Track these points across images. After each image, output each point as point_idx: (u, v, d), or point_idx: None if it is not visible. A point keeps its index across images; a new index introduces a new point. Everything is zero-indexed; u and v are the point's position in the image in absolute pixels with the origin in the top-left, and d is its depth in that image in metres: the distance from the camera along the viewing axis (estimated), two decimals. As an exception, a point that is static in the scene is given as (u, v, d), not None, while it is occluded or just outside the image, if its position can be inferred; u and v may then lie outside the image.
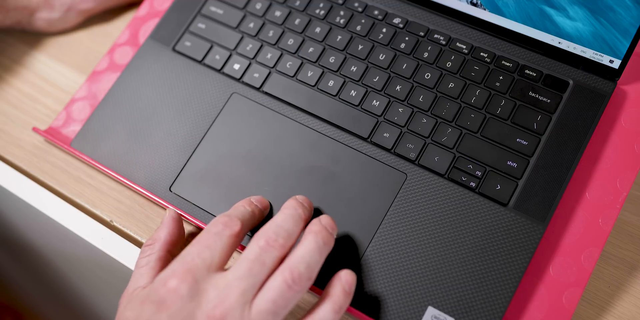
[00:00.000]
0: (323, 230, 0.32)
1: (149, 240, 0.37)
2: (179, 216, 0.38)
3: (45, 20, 0.50)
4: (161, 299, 0.30)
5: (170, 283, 0.30)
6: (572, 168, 0.38)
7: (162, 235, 0.37)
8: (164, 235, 0.37)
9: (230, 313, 0.29)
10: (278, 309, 0.30)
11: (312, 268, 0.31)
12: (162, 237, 0.37)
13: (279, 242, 0.31)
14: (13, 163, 0.45)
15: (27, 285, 0.81)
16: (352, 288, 0.32)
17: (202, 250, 0.31)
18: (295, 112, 0.42)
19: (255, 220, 0.36)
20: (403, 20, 0.44)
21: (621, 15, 0.39)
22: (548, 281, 0.37)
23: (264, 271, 0.30)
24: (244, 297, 0.29)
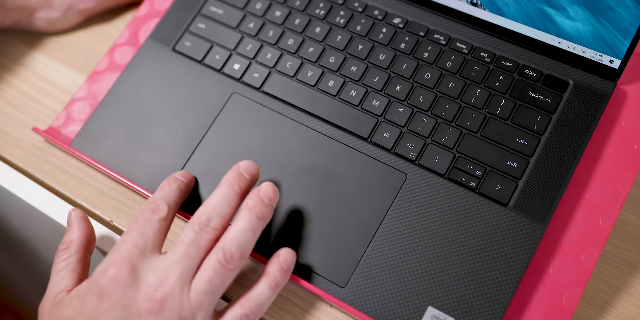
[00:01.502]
0: (258, 204, 0.33)
1: (62, 245, 0.36)
2: (85, 215, 0.38)
3: (44, 20, 0.50)
4: (102, 289, 0.31)
5: (109, 272, 0.31)
6: (572, 168, 0.38)
7: (76, 236, 0.36)
8: (77, 237, 0.36)
9: (170, 295, 0.30)
10: (215, 287, 0.31)
11: (244, 246, 0.32)
12: (76, 238, 0.36)
13: (211, 226, 0.32)
14: (13, 163, 0.45)
15: (27, 285, 0.81)
16: (290, 266, 0.34)
17: (135, 238, 0.32)
18: (295, 112, 0.42)
19: (183, 195, 0.37)
20: (403, 20, 0.44)
21: (621, 15, 0.39)
22: (548, 281, 0.37)
23: (199, 253, 0.32)
24: (183, 279, 0.31)
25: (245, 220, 0.33)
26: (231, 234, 0.32)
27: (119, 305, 0.30)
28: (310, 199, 0.39)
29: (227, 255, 0.31)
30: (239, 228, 0.32)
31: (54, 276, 0.35)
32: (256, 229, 0.33)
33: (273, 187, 0.34)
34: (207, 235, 0.32)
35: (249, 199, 0.34)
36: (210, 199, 0.34)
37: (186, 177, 0.38)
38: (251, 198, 0.34)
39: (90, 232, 0.37)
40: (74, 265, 0.35)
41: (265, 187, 0.34)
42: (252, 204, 0.33)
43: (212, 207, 0.33)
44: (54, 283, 0.34)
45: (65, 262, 0.35)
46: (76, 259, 0.35)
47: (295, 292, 0.39)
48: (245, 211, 0.33)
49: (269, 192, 0.34)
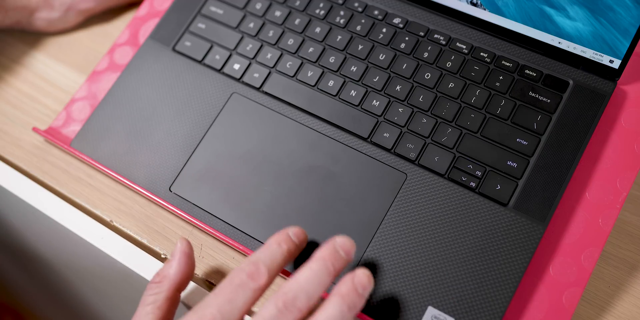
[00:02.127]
0: (352, 292, 0.30)
1: (157, 277, 0.35)
2: (191, 250, 0.36)
3: (44, 20, 0.50)
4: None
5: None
6: (572, 168, 0.38)
7: (172, 273, 0.35)
8: (173, 273, 0.35)
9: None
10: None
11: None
12: (171, 275, 0.35)
13: (297, 306, 0.30)
14: (13, 163, 0.45)
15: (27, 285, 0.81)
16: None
17: (223, 304, 0.30)
18: (295, 112, 0.42)
19: (290, 258, 0.33)
20: (403, 20, 0.44)
21: (621, 15, 0.39)
22: (548, 281, 0.37)
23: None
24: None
25: (336, 309, 0.30)
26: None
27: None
28: (310, 199, 0.39)
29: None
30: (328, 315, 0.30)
31: (140, 309, 0.34)
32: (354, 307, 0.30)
33: (369, 276, 0.31)
34: (290, 316, 0.30)
35: (342, 285, 0.31)
36: (300, 275, 0.31)
37: (299, 238, 0.34)
38: (344, 284, 0.31)
39: (189, 271, 0.36)
40: (161, 303, 0.34)
41: (360, 275, 0.31)
42: (345, 292, 0.30)
43: (301, 284, 0.30)
44: (139, 316, 0.33)
45: (154, 298, 0.34)
46: (165, 296, 0.34)
47: (295, 292, 0.39)
48: (336, 298, 0.30)
49: (364, 281, 0.31)
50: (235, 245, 0.39)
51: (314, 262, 0.31)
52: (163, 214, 0.42)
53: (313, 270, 0.31)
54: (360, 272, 0.31)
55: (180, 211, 0.40)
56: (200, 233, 0.41)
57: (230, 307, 0.30)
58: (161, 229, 0.42)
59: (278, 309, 0.30)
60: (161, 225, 0.42)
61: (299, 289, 0.30)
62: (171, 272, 0.35)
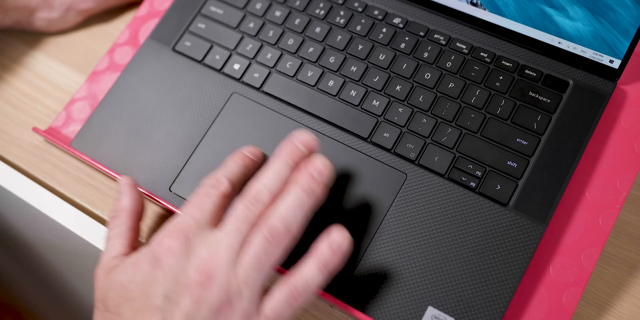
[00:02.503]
0: (308, 179, 0.32)
1: (114, 213, 0.37)
2: (134, 182, 0.38)
3: (44, 20, 0.50)
4: (156, 257, 0.31)
5: (164, 242, 0.32)
6: (572, 168, 0.38)
7: (126, 204, 0.37)
8: (127, 205, 0.37)
9: (218, 269, 0.30)
10: (260, 263, 0.31)
11: (290, 222, 0.31)
12: (126, 206, 0.37)
13: (260, 201, 0.32)
14: (13, 163, 0.45)
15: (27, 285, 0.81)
16: (342, 247, 0.32)
17: (192, 210, 0.33)
18: (295, 112, 0.42)
19: (249, 172, 0.36)
20: (403, 20, 0.44)
21: (621, 15, 0.39)
22: (548, 281, 0.37)
23: (250, 228, 0.31)
24: (231, 254, 0.31)
25: (293, 196, 0.32)
26: (277, 210, 0.32)
27: (170, 275, 0.31)
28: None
29: (271, 231, 0.31)
30: (287, 204, 0.31)
31: (107, 243, 0.35)
32: (304, 204, 0.32)
33: (325, 162, 0.33)
34: (256, 209, 0.32)
35: (298, 173, 0.33)
36: (262, 174, 0.33)
37: (254, 154, 0.37)
38: (301, 173, 0.32)
39: (139, 200, 0.37)
40: (126, 233, 0.36)
41: (316, 163, 0.33)
42: (302, 180, 0.32)
43: (263, 181, 0.33)
44: (107, 250, 0.35)
45: (118, 230, 0.36)
46: (127, 227, 0.36)
47: (295, 292, 0.39)
48: (294, 186, 0.32)
49: (320, 168, 0.32)
50: (235, 245, 0.39)
51: (274, 159, 0.33)
52: (163, 214, 0.42)
53: (273, 168, 0.33)
54: (315, 158, 0.33)
55: (180, 211, 0.40)
56: (200, 233, 0.41)
57: (200, 212, 0.32)
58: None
59: (245, 206, 0.32)
60: (161, 226, 0.42)
61: (260, 186, 0.32)
62: (124, 204, 0.37)
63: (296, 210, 0.32)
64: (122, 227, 0.36)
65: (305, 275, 0.31)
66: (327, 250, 0.32)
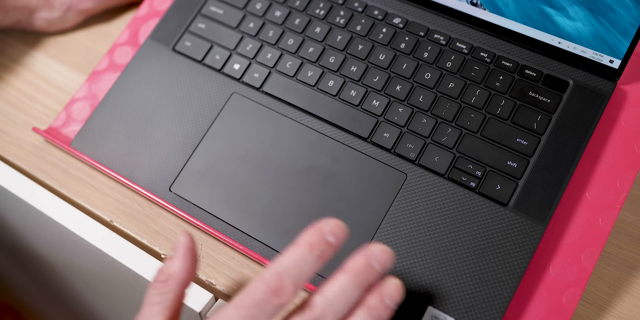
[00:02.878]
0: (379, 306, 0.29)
1: (161, 275, 0.33)
2: (194, 244, 0.34)
3: (44, 20, 0.50)
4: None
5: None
6: (572, 168, 0.38)
7: (177, 270, 0.33)
8: (178, 271, 0.33)
9: None
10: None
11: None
12: (176, 273, 0.33)
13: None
14: (13, 163, 0.45)
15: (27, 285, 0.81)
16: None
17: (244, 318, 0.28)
18: (295, 112, 0.42)
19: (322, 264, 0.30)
20: (403, 20, 0.44)
21: (621, 15, 0.39)
22: (548, 281, 0.37)
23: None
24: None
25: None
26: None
27: None
28: (310, 199, 0.39)
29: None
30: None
31: (147, 309, 0.32)
32: None
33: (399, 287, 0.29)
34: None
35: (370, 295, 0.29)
36: (328, 288, 0.29)
37: (336, 237, 0.30)
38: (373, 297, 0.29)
39: (193, 268, 0.33)
40: (168, 303, 0.32)
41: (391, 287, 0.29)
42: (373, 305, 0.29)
43: (329, 299, 0.29)
44: (145, 316, 0.32)
45: (160, 298, 0.32)
46: (172, 296, 0.32)
47: (295, 292, 0.39)
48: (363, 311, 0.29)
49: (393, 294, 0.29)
50: (235, 245, 0.39)
51: (344, 275, 0.29)
52: (163, 214, 0.42)
53: (342, 285, 0.29)
54: (392, 283, 0.29)
55: (180, 211, 0.40)
56: (200, 233, 0.41)
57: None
58: (161, 229, 0.42)
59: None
60: (161, 225, 0.42)
61: (326, 305, 0.29)
62: (176, 269, 0.33)
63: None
64: (167, 295, 0.32)
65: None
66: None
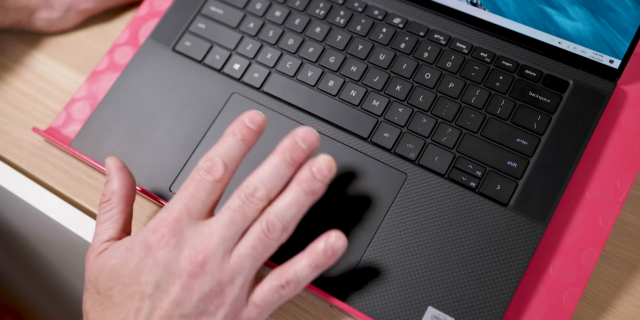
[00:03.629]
0: (309, 179, 0.32)
1: (104, 197, 0.36)
2: (123, 163, 0.37)
3: (45, 20, 0.50)
4: (149, 245, 0.32)
5: (158, 231, 0.32)
6: (572, 168, 0.38)
7: (116, 187, 0.36)
8: (117, 187, 0.36)
9: (211, 259, 0.31)
10: (257, 254, 0.32)
11: (288, 219, 0.32)
12: (116, 189, 0.36)
13: (257, 197, 0.32)
14: (13, 163, 0.45)
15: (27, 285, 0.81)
16: (337, 253, 0.33)
17: (187, 199, 0.32)
18: (295, 112, 0.42)
19: (247, 148, 0.34)
20: (403, 20, 0.44)
21: (621, 15, 0.39)
22: (548, 281, 0.37)
23: (244, 222, 0.32)
24: (225, 245, 0.31)
25: (293, 195, 0.32)
26: (276, 207, 0.32)
27: (162, 264, 0.31)
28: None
29: (270, 226, 0.32)
30: (285, 202, 0.32)
31: (98, 227, 0.35)
32: (302, 204, 0.32)
33: (329, 162, 0.33)
34: (253, 206, 0.32)
35: (300, 172, 0.33)
36: (261, 169, 0.33)
37: (256, 123, 0.34)
38: (303, 172, 0.33)
39: (130, 182, 0.37)
40: (117, 217, 0.36)
41: (320, 162, 0.33)
42: (303, 178, 0.32)
43: (261, 177, 0.33)
44: (98, 234, 0.35)
45: (109, 214, 0.36)
46: (119, 210, 0.36)
47: (295, 292, 0.39)
48: (294, 185, 0.33)
49: (322, 168, 0.32)
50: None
51: (273, 155, 0.33)
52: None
53: (272, 164, 0.33)
54: (321, 158, 0.33)
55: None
56: (200, 233, 0.41)
57: (194, 202, 0.32)
58: (161, 229, 0.42)
59: (241, 200, 0.32)
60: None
61: (258, 182, 0.32)
62: (114, 186, 0.36)
63: (294, 209, 0.32)
64: (113, 210, 0.36)
65: (297, 271, 0.32)
66: (322, 252, 0.32)
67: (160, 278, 0.31)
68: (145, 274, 0.31)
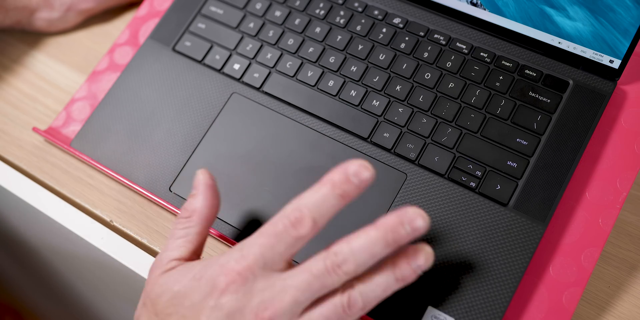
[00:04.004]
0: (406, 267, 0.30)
1: (185, 212, 0.34)
2: (213, 180, 0.35)
3: (45, 20, 0.50)
4: (216, 286, 0.30)
5: (230, 275, 0.30)
6: (572, 168, 0.38)
7: (199, 206, 0.34)
8: (201, 207, 0.34)
9: (280, 315, 0.29)
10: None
11: (369, 300, 0.30)
12: (198, 209, 0.34)
13: (344, 270, 0.29)
14: (13, 163, 0.45)
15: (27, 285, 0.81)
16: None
17: (265, 248, 0.30)
18: (295, 112, 0.42)
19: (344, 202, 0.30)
20: (403, 20, 0.44)
21: (621, 15, 0.39)
22: (548, 281, 0.37)
23: (322, 290, 0.29)
24: (296, 308, 0.29)
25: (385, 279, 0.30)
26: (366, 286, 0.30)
27: (226, 310, 0.29)
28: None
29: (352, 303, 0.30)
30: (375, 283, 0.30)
31: (170, 242, 0.33)
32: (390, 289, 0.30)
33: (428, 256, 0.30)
34: (336, 278, 0.29)
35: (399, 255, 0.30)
36: (355, 238, 0.29)
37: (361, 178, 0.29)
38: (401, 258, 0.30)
39: (215, 203, 0.34)
40: (193, 237, 0.34)
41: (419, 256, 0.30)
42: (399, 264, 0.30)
43: (353, 249, 0.29)
44: (169, 249, 0.33)
45: (185, 232, 0.34)
46: (196, 231, 0.34)
47: (295, 292, 0.39)
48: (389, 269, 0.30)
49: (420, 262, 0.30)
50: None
51: (374, 229, 0.29)
52: (163, 214, 0.42)
53: (370, 238, 0.29)
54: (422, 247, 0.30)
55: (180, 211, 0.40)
56: (200, 233, 0.41)
57: (272, 253, 0.29)
58: (161, 229, 0.42)
59: (326, 267, 0.29)
60: (161, 225, 0.42)
61: (349, 254, 0.29)
62: (198, 205, 0.34)
63: (380, 292, 0.30)
64: (191, 229, 0.34)
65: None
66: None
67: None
68: (206, 313, 0.29)
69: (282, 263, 0.30)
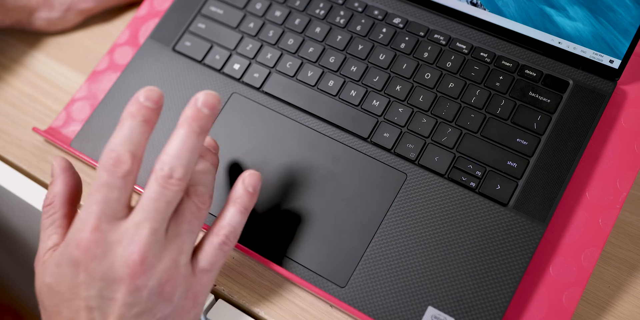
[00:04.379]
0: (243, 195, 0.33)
1: (46, 200, 0.34)
2: (69, 164, 0.35)
3: (45, 20, 0.50)
4: (76, 261, 0.30)
5: (81, 244, 0.29)
6: (572, 168, 0.38)
7: (58, 189, 0.34)
8: (60, 190, 0.34)
9: (147, 253, 0.29)
10: (193, 228, 0.31)
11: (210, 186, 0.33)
12: (59, 191, 0.34)
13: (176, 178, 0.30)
14: (13, 163, 0.45)
15: (27, 285, 0.81)
16: (256, 188, 0.34)
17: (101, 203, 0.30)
18: (295, 112, 0.42)
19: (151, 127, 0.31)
20: (403, 20, 0.44)
21: (621, 15, 0.39)
22: (548, 281, 0.37)
23: (169, 207, 0.30)
24: (157, 235, 0.30)
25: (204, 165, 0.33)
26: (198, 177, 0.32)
27: (98, 276, 0.29)
28: (310, 199, 0.39)
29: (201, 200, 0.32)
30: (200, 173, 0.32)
31: (42, 234, 0.33)
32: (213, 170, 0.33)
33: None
34: (174, 188, 0.30)
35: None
36: (170, 145, 0.30)
37: (153, 100, 0.31)
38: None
39: (74, 183, 0.35)
40: (60, 222, 0.34)
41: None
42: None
43: (172, 154, 0.30)
44: (43, 241, 0.33)
45: (51, 219, 0.34)
46: (61, 214, 0.34)
47: (296, 293, 0.39)
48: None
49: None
50: (235, 245, 0.39)
51: (179, 127, 0.31)
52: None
53: (180, 137, 0.30)
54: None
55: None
56: (199, 233, 0.41)
57: (109, 204, 0.30)
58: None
59: (159, 185, 0.30)
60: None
61: (172, 161, 0.30)
62: (57, 189, 0.35)
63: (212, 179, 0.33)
64: (56, 215, 0.34)
65: (231, 222, 0.33)
66: (244, 194, 0.33)
67: (102, 289, 0.29)
68: (83, 288, 0.29)
69: (124, 210, 0.30)
